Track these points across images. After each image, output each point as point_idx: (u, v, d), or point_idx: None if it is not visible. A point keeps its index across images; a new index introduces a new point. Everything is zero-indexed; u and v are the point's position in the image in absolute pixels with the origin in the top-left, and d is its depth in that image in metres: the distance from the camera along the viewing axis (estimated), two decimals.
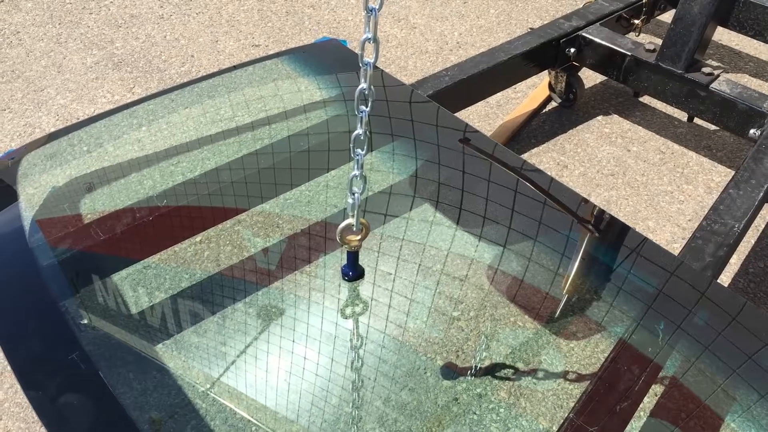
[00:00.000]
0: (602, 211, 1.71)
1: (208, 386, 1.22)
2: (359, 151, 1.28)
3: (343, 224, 1.36)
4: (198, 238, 1.55)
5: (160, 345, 1.31)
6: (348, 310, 1.39)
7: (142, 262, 1.49)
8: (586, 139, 3.07)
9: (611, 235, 1.65)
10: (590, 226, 1.64)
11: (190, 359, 1.27)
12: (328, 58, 2.22)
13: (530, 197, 1.66)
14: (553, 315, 1.38)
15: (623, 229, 1.64)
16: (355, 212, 1.34)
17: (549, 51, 2.85)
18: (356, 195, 1.31)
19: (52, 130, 3.02)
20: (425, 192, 1.68)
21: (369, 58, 1.23)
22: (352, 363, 1.29)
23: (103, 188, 1.71)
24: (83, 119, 2.80)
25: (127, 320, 1.37)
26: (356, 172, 1.30)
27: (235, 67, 2.21)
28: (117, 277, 1.45)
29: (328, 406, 1.21)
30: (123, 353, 1.31)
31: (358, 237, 1.36)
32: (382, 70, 2.12)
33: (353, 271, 1.43)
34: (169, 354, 1.29)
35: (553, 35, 2.83)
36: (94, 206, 1.66)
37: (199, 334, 1.32)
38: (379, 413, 1.19)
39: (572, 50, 2.88)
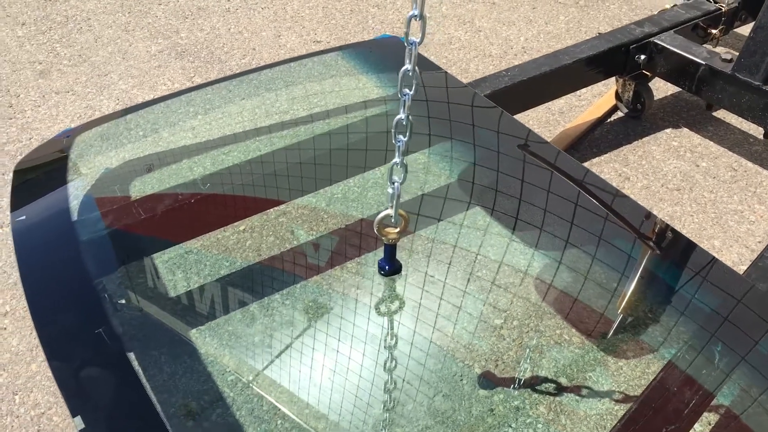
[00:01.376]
0: (666, 226, 1.59)
1: (238, 375, 1.20)
2: (401, 137, 1.22)
3: (381, 215, 1.29)
4: (242, 226, 1.53)
5: (194, 330, 1.29)
6: (385, 309, 1.34)
7: (184, 246, 1.49)
8: (652, 152, 2.93)
9: (674, 251, 1.54)
10: (652, 241, 1.53)
11: (222, 347, 1.26)
12: (386, 55, 2.19)
13: (589, 207, 1.56)
14: (604, 331, 1.30)
15: (687, 246, 1.52)
16: (394, 203, 1.27)
17: (617, 57, 2.72)
18: (396, 184, 1.25)
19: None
20: (478, 196, 1.61)
21: (415, 37, 1.16)
22: (385, 362, 1.24)
23: (153, 172, 1.73)
24: (139, 103, 2.86)
25: (165, 302, 1.36)
26: (397, 159, 1.24)
27: (293, 60, 2.21)
28: (159, 260, 1.45)
29: (356, 404, 1.17)
30: (157, 335, 1.30)
31: (397, 230, 1.30)
32: (446, 72, 2.06)
33: (390, 265, 1.37)
34: (202, 340, 1.27)
35: (622, 40, 2.70)
36: (143, 188, 1.67)
37: (233, 323, 1.30)
38: (408, 417, 1.15)
39: (642, 57, 2.74)
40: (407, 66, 1.16)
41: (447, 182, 1.65)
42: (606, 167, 2.84)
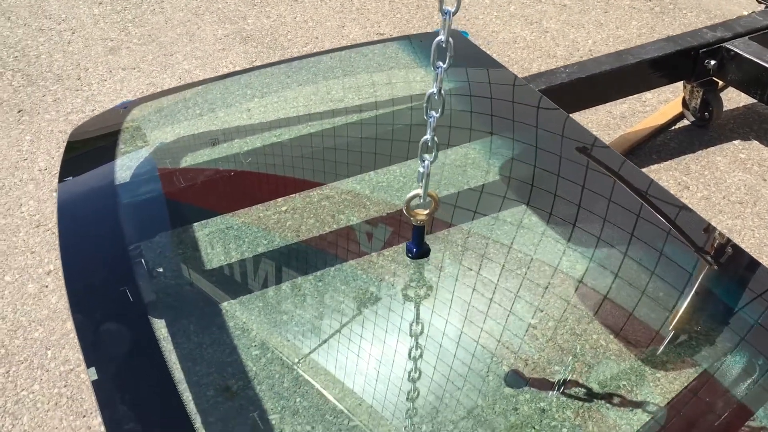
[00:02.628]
0: (726, 239, 1.49)
1: (263, 351, 1.20)
2: (432, 113, 1.18)
3: (410, 194, 1.26)
4: (284, 207, 1.53)
5: (225, 304, 1.30)
6: (416, 298, 1.32)
7: (225, 221, 1.50)
8: (716, 162, 2.80)
9: (730, 265, 1.44)
10: (708, 253, 1.43)
11: (251, 322, 1.26)
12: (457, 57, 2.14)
13: (642, 212, 1.48)
14: (644, 341, 1.23)
15: (746, 261, 1.41)
16: (424, 182, 1.24)
17: (685, 61, 2.60)
18: (426, 163, 1.22)
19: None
20: (525, 194, 1.57)
21: (450, 6, 1.10)
22: (410, 350, 1.22)
23: (208, 147, 1.75)
24: (196, 80, 2.93)
25: (201, 274, 1.37)
26: (428, 136, 1.20)
27: (352, 47, 2.21)
28: (199, 233, 1.47)
29: (377, 390, 1.15)
30: (189, 304, 1.31)
31: (426, 211, 1.27)
32: (505, 68, 2.02)
33: (417, 248, 1.33)
34: (232, 314, 1.27)
35: (692, 44, 2.58)
36: (190, 162, 1.69)
37: (266, 300, 1.30)
38: (428, 408, 1.12)
39: (713, 63, 2.61)
40: (441, 37, 1.12)
41: (494, 178, 1.61)
42: (665, 175, 2.72)
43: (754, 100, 2.85)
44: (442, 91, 1.18)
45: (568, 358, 1.18)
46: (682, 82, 2.87)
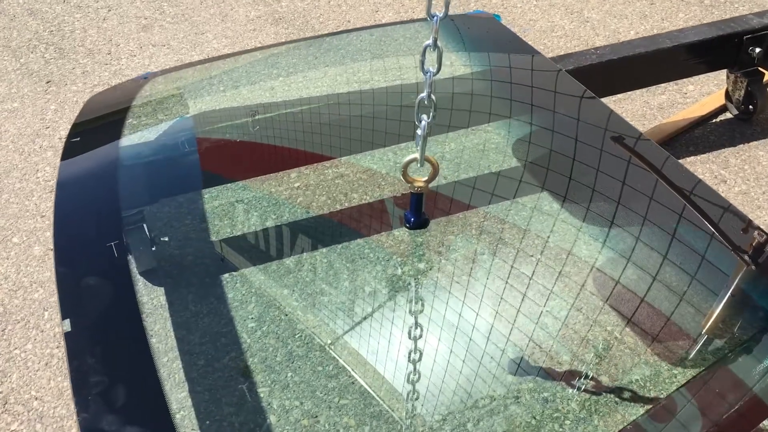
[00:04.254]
0: (766, 236, 1.36)
1: (259, 324, 1.18)
2: (429, 68, 1.12)
3: (408, 158, 1.20)
4: (297, 183, 1.50)
5: (226, 275, 1.27)
6: (421, 280, 1.27)
7: (234, 194, 1.48)
8: (758, 157, 2.63)
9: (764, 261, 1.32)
10: (745, 251, 1.31)
11: (249, 295, 1.24)
12: (474, 29, 2.09)
13: (675, 203, 1.40)
14: (663, 335, 1.16)
15: None
16: (421, 144, 1.17)
17: (727, 47, 2.44)
18: (423, 123, 1.15)
19: None
20: (544, 177, 1.50)
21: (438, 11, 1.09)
22: (409, 332, 1.17)
23: (218, 119, 1.73)
24: (216, 56, 2.92)
25: (204, 244, 1.36)
26: (424, 93, 1.14)
27: (377, 26, 2.20)
28: (208, 205, 1.45)
29: (371, 369, 1.12)
30: (188, 273, 1.29)
31: (425, 178, 1.20)
32: (534, 48, 1.95)
33: (415, 217, 1.27)
34: (232, 285, 1.25)
35: (735, 29, 2.43)
36: (205, 131, 1.68)
37: (267, 273, 1.28)
38: (424, 391, 1.08)
39: (758, 51, 2.46)
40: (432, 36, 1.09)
41: (515, 163, 1.55)
42: (701, 167, 2.58)
43: None
44: (438, 44, 1.13)
45: (578, 349, 1.12)
46: (725, 72, 2.72)
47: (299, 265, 1.29)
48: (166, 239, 1.35)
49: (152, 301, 1.21)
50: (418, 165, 1.22)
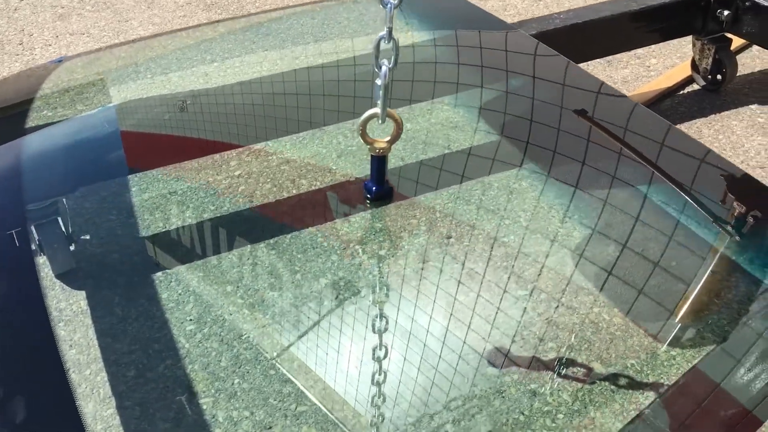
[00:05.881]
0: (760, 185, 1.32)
1: (198, 326, 1.08)
2: (390, 0, 1.01)
3: (366, 114, 1.07)
4: (237, 171, 1.40)
5: (159, 273, 1.18)
6: (382, 271, 1.17)
7: (165, 187, 1.37)
8: (731, 126, 2.55)
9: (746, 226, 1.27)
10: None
11: (187, 294, 1.15)
12: (433, 5, 2.01)
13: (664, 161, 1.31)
14: (656, 315, 1.09)
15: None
16: (381, 97, 1.06)
17: (694, 11, 2.34)
18: (384, 69, 1.02)
19: None
20: (517, 153, 1.44)
21: None
22: (372, 328, 1.08)
23: (140, 105, 1.65)
24: (132, 39, 2.82)
25: (132, 241, 1.26)
26: (384, 32, 1.00)
27: (308, 4, 2.10)
28: (136, 198, 1.35)
29: (330, 373, 1.04)
30: (114, 273, 1.19)
31: (386, 138, 1.05)
32: (492, 15, 1.88)
33: (377, 186, 1.12)
34: (166, 285, 1.16)
35: None
36: (126, 120, 1.59)
37: (206, 270, 1.18)
38: (394, 392, 0.99)
39: (726, 14, 2.36)
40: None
41: (479, 140, 1.45)
42: None
43: None
44: None
45: (564, 334, 1.04)
46: (690, 43, 2.65)
47: (243, 260, 1.21)
48: (87, 237, 1.24)
49: (71, 306, 1.11)
50: (379, 121, 1.11)
